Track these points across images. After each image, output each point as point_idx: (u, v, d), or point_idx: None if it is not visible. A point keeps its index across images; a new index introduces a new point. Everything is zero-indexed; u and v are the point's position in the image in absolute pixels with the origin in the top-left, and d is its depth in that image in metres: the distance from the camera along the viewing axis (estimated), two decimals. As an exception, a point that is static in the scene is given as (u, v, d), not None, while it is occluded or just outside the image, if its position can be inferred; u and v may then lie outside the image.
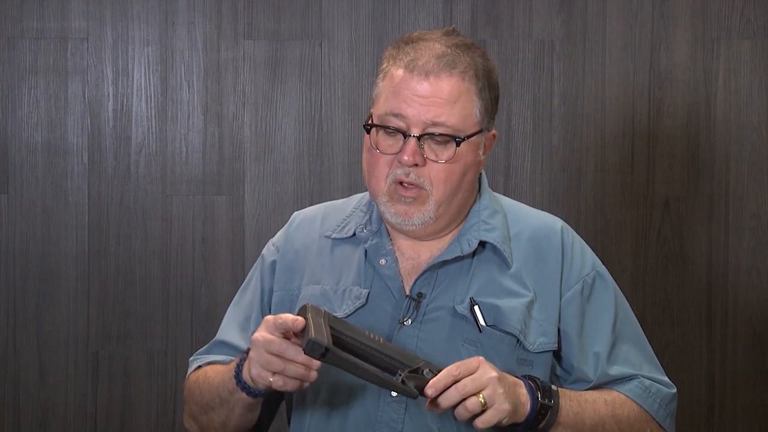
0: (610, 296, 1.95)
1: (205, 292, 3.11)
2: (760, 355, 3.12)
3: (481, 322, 1.85)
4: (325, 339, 1.68)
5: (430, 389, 1.71)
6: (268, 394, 1.81)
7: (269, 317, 1.75)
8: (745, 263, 3.11)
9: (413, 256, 1.92)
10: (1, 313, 3.11)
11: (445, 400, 1.71)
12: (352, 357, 1.71)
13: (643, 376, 1.92)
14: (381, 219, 1.94)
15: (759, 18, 3.10)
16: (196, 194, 3.12)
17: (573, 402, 1.83)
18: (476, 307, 1.85)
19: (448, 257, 1.89)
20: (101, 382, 3.11)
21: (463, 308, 1.86)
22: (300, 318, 1.72)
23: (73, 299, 3.11)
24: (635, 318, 1.98)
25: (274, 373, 1.73)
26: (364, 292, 1.89)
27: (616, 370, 1.91)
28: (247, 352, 1.80)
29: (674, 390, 1.94)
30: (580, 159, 3.11)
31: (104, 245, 3.11)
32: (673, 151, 3.11)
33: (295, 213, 2.06)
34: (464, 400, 1.71)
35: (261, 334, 1.74)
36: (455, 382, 1.71)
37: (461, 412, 1.72)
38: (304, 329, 1.70)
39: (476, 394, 1.71)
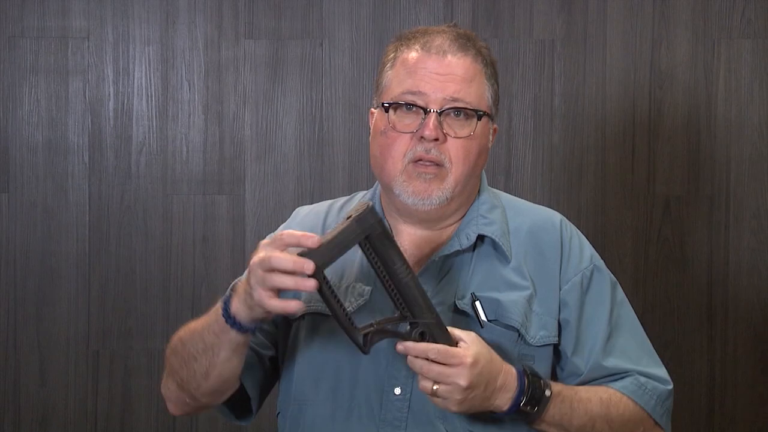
0: (606, 289, 1.95)
1: (205, 292, 3.11)
2: (760, 355, 3.12)
3: (483, 317, 1.85)
4: (324, 259, 1.64)
5: (401, 347, 1.72)
6: (256, 327, 1.76)
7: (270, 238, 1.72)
8: (746, 263, 3.11)
9: (416, 252, 1.92)
10: (2, 312, 3.10)
11: (410, 364, 1.72)
12: (330, 292, 1.68)
13: (639, 373, 1.91)
14: (383, 215, 1.94)
15: (760, 18, 3.10)
16: (196, 193, 3.12)
17: (565, 403, 1.83)
18: (477, 303, 1.86)
19: (447, 252, 1.89)
20: (102, 381, 3.11)
21: (464, 304, 1.86)
22: (313, 235, 1.67)
23: (73, 298, 3.11)
24: (633, 312, 1.98)
25: (270, 290, 1.68)
26: (367, 289, 1.89)
27: (611, 362, 1.90)
28: (233, 288, 1.78)
29: (670, 386, 1.93)
30: (580, 158, 3.12)
31: (105, 244, 3.11)
32: (674, 150, 3.11)
33: (299, 208, 2.06)
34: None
35: (258, 254, 1.71)
36: (428, 359, 1.71)
37: (418, 382, 1.73)
38: (326, 235, 1.68)
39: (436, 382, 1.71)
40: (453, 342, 1.73)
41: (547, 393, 1.80)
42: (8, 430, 3.10)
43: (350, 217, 1.68)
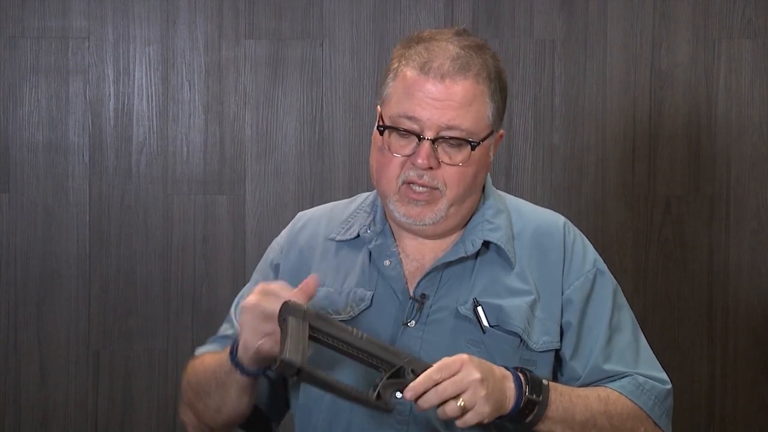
0: (608, 293, 1.94)
1: (206, 292, 3.11)
2: (760, 355, 3.12)
3: (485, 322, 1.85)
4: (299, 357, 1.65)
5: (409, 392, 1.69)
6: (260, 372, 1.80)
7: (262, 285, 1.76)
8: (746, 263, 3.11)
9: (418, 257, 1.91)
10: (2, 312, 3.11)
11: (425, 403, 1.70)
12: (326, 375, 1.69)
13: (637, 374, 1.90)
14: (385, 219, 1.94)
15: (760, 18, 3.10)
16: (197, 193, 3.12)
17: (564, 396, 1.82)
18: (479, 308, 1.85)
19: (452, 258, 1.88)
20: (102, 381, 3.11)
21: (466, 309, 1.85)
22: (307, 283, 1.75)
23: (74, 299, 3.11)
24: (633, 316, 1.97)
25: (262, 337, 1.73)
26: (369, 294, 1.88)
27: (610, 366, 1.89)
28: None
29: (669, 386, 1.92)
30: (581, 159, 3.12)
31: (105, 245, 3.11)
32: (674, 150, 3.11)
33: (300, 213, 2.05)
34: (444, 402, 1.70)
35: (250, 298, 1.75)
36: (436, 384, 1.69)
37: (441, 414, 1.71)
38: (282, 340, 1.68)
39: (456, 396, 1.69)
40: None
41: (545, 381, 1.79)
42: (8, 430, 3.10)
43: (284, 319, 1.69)
